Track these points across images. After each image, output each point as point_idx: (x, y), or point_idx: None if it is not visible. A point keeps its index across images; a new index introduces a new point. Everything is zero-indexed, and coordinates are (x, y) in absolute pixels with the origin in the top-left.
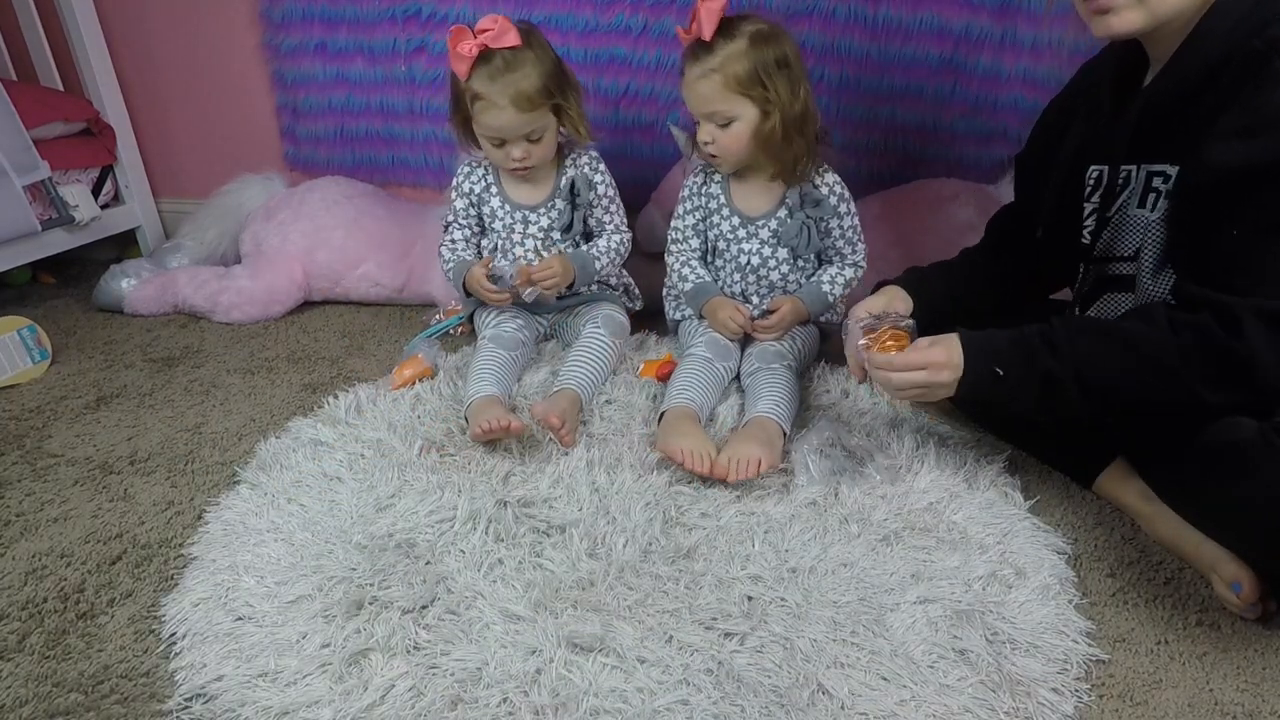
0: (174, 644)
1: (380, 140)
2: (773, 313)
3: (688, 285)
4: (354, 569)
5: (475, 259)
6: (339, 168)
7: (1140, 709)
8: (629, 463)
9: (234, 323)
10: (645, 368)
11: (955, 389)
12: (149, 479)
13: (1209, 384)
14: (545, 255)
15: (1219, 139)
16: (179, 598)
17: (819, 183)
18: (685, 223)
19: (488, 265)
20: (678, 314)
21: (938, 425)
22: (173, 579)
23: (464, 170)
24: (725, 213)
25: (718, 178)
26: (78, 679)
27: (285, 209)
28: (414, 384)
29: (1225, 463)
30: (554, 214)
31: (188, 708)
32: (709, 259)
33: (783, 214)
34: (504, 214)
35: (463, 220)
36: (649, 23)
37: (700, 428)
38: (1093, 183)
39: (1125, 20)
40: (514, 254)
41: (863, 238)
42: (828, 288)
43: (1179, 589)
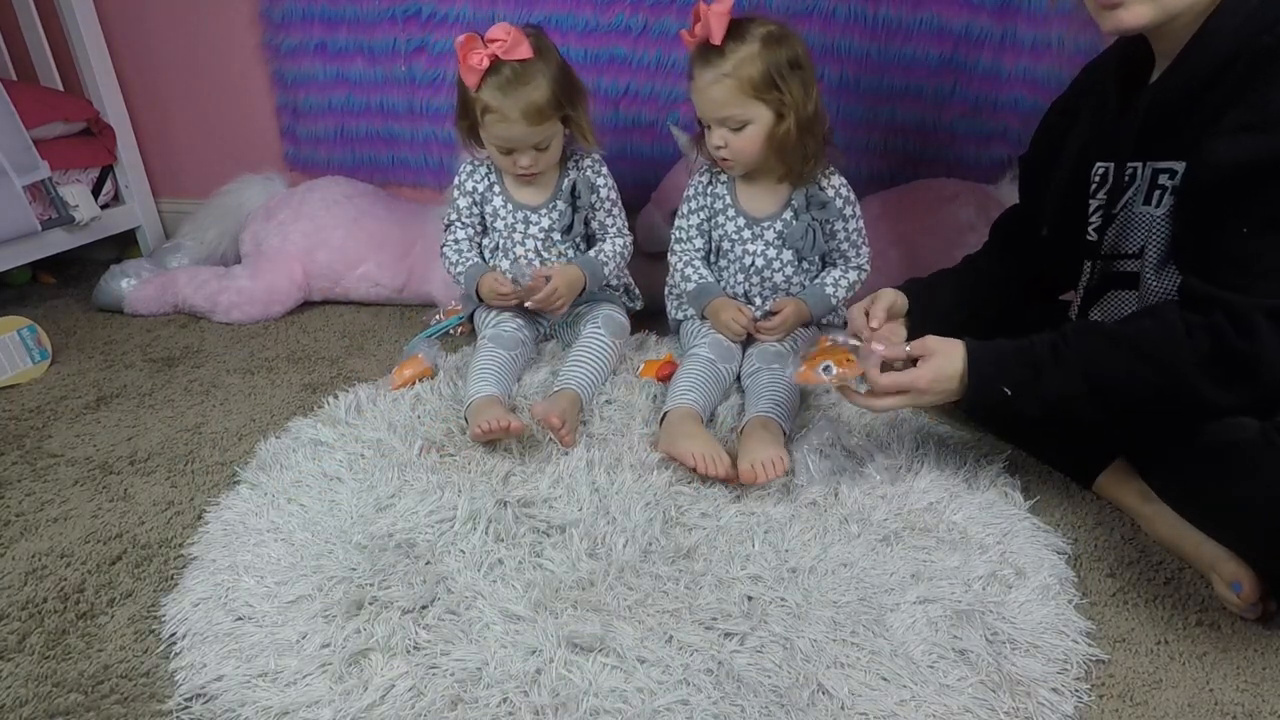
0: (174, 644)
1: (380, 140)
2: (775, 314)
3: (690, 285)
4: (354, 569)
5: (484, 262)
6: (339, 168)
7: (1140, 709)
8: (629, 463)
9: (234, 323)
10: (645, 368)
11: (958, 401)
12: (149, 479)
13: (1219, 386)
14: (546, 255)
15: (1225, 135)
16: (179, 598)
17: (825, 185)
18: (689, 222)
19: (504, 281)
20: (679, 314)
21: (938, 425)
22: (173, 579)
23: (466, 169)
24: (731, 213)
25: (723, 178)
26: (78, 679)
27: (285, 209)
28: (414, 384)
29: (1227, 462)
30: (555, 215)
31: (188, 708)
32: (713, 259)
33: (788, 215)
34: (506, 213)
35: (466, 219)
36: (649, 23)
37: (705, 429)
38: (1098, 179)
39: (1135, 14)
40: (515, 253)
41: (867, 241)
42: (831, 290)
43: (1179, 589)
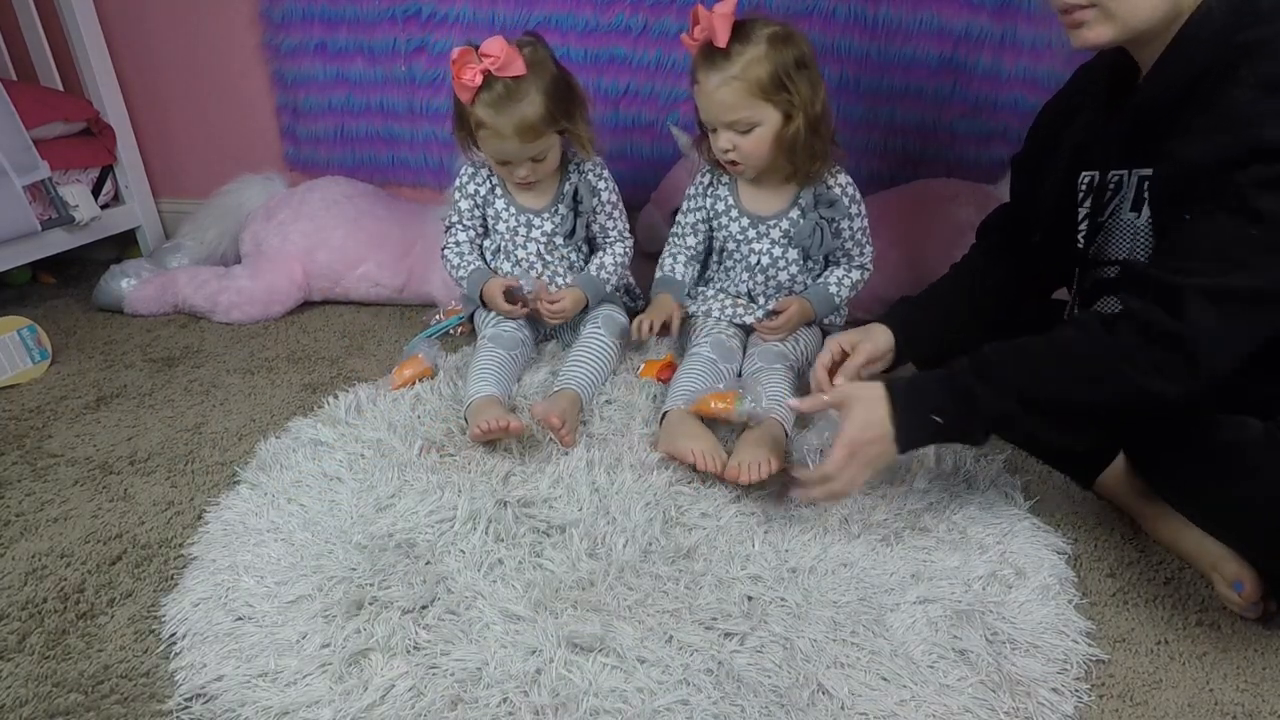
0: (174, 644)
1: (380, 140)
2: (779, 313)
3: (659, 273)
4: (354, 569)
5: (486, 266)
6: (339, 168)
7: (1140, 709)
8: (629, 463)
9: (234, 323)
10: (646, 368)
11: (897, 448)
12: (149, 479)
13: (1153, 373)
14: (549, 260)
15: (1183, 136)
16: (179, 598)
17: (831, 183)
18: (686, 220)
19: (508, 286)
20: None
21: None
22: (173, 579)
23: (468, 171)
24: (734, 214)
25: (725, 179)
26: (78, 679)
27: (285, 209)
28: (414, 384)
29: (1229, 462)
30: (557, 219)
31: (188, 708)
32: (716, 260)
33: (795, 214)
34: (508, 217)
35: (467, 221)
36: (649, 23)
37: (705, 428)
38: (1084, 187)
39: (1097, 33)
40: (517, 256)
41: (871, 240)
42: (834, 289)
43: (1179, 589)
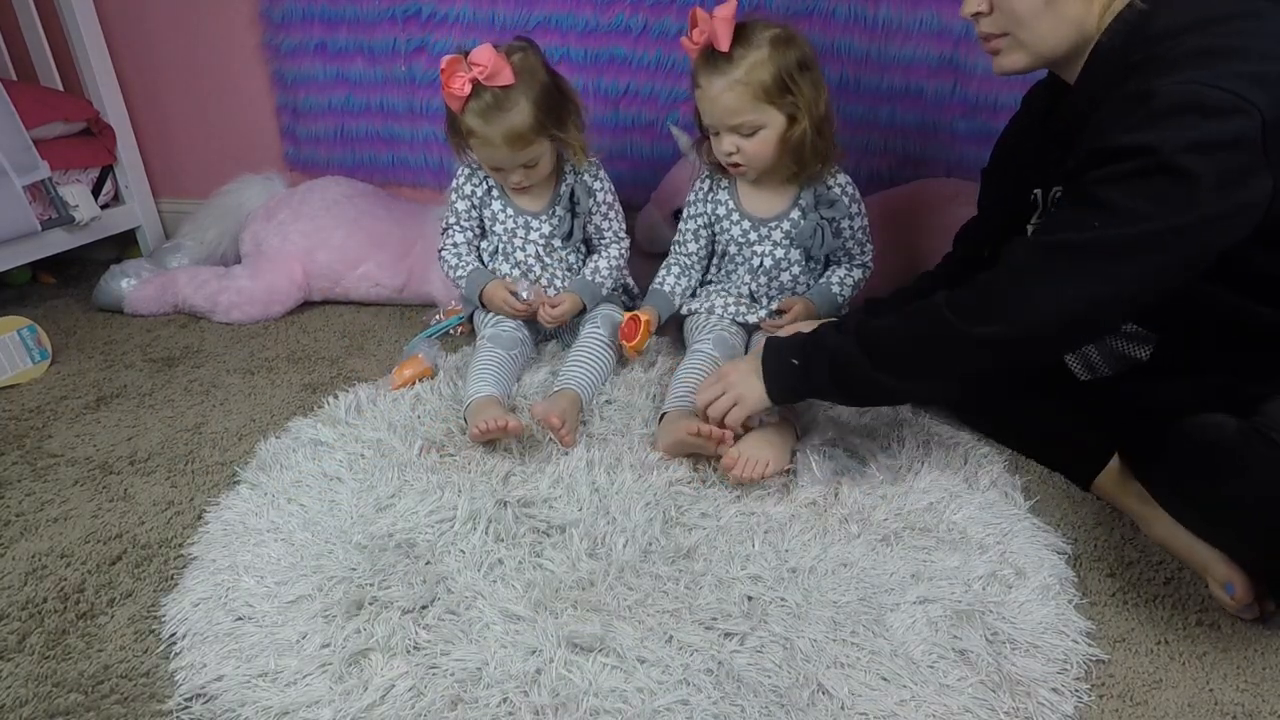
0: (174, 644)
1: (380, 140)
2: (783, 313)
3: (653, 285)
4: (354, 569)
5: (486, 268)
6: (339, 168)
7: (1140, 709)
8: (629, 463)
9: (234, 323)
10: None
11: (764, 387)
12: (149, 479)
13: (972, 318)
14: (547, 261)
15: (1080, 144)
16: (179, 598)
17: (831, 183)
18: (688, 227)
19: (511, 288)
20: (683, 310)
21: (938, 425)
22: (173, 579)
23: (465, 173)
24: (735, 217)
25: (724, 183)
26: (78, 679)
27: (285, 209)
28: (414, 384)
29: (1209, 463)
30: (554, 221)
31: (188, 708)
32: (717, 263)
33: (796, 215)
34: (506, 218)
35: (465, 222)
36: (649, 23)
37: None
38: (1033, 202)
39: (1012, 60)
40: (515, 258)
41: (871, 239)
42: (836, 289)
43: (1179, 589)
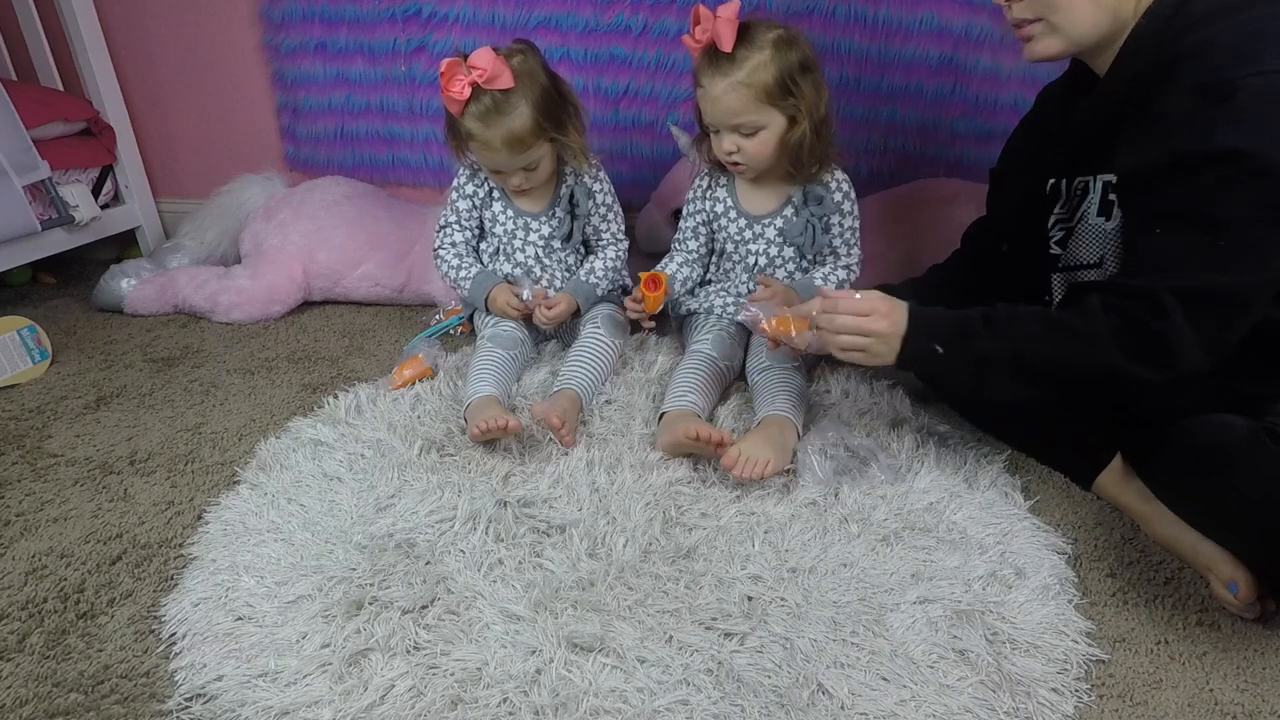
0: (174, 644)
1: (380, 140)
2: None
3: (657, 268)
4: (354, 569)
5: (488, 269)
6: (339, 168)
7: (1140, 709)
8: (629, 463)
9: (234, 323)
10: (646, 299)
11: (895, 357)
12: (149, 479)
13: (1137, 359)
14: (546, 262)
15: (1125, 143)
16: (179, 598)
17: (829, 180)
18: (688, 224)
19: (516, 291)
20: (682, 309)
21: (938, 425)
22: (173, 579)
23: (466, 172)
24: (733, 215)
25: (723, 181)
26: (78, 679)
27: (285, 209)
28: (414, 384)
29: (1219, 463)
30: (554, 223)
31: (188, 708)
32: (716, 261)
33: (789, 212)
34: (506, 219)
35: (465, 222)
36: (649, 23)
37: (704, 423)
38: (1049, 192)
39: (1046, 46)
40: (516, 259)
41: (859, 242)
42: (820, 284)
43: (1179, 589)
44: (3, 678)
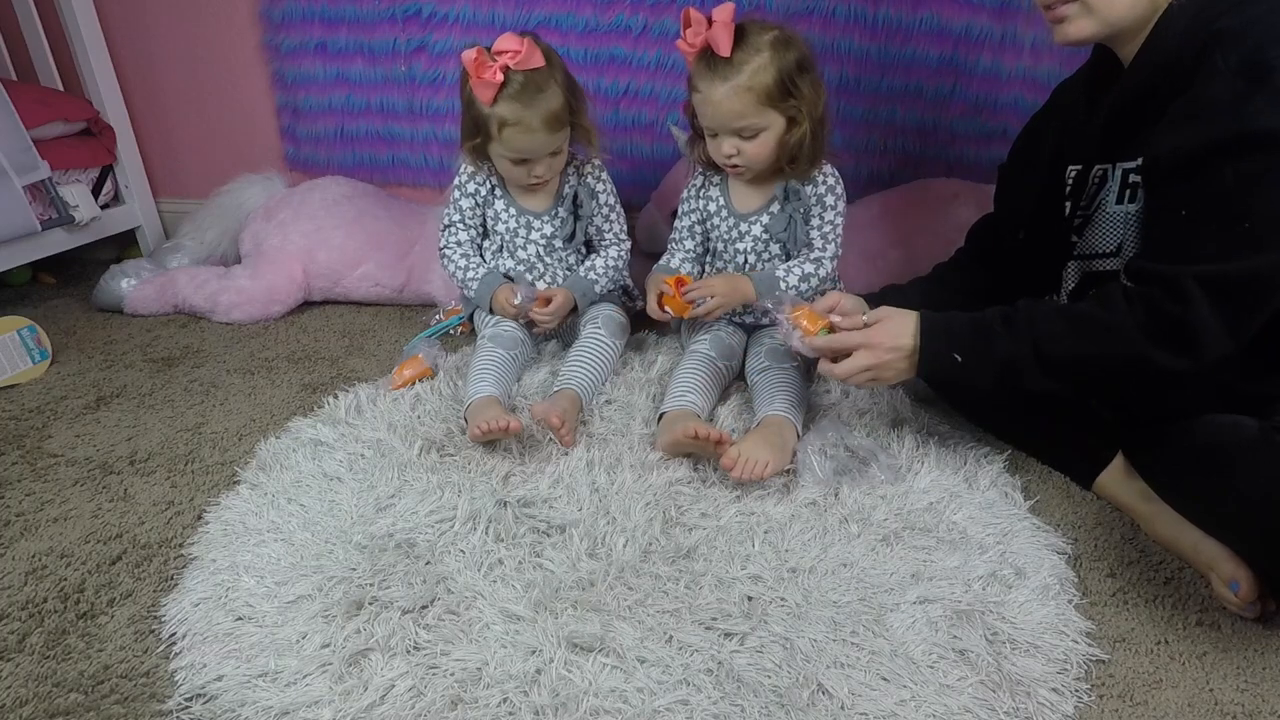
0: (174, 644)
1: (380, 140)
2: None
3: (659, 265)
4: (354, 569)
5: (494, 269)
6: (339, 168)
7: (1140, 709)
8: (629, 463)
9: (234, 323)
10: (669, 302)
11: (914, 370)
12: (149, 479)
13: (1165, 350)
14: (548, 261)
15: (1162, 127)
16: (179, 598)
17: (816, 175)
18: (682, 224)
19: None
20: None
21: (938, 425)
22: (173, 579)
23: (468, 171)
24: (724, 214)
25: (716, 180)
26: (78, 679)
27: (285, 209)
28: (414, 384)
29: (1226, 462)
30: (557, 222)
31: (188, 708)
32: (712, 262)
33: (775, 209)
34: (508, 218)
35: (469, 220)
36: (649, 23)
37: (704, 424)
38: (1072, 182)
39: (1079, 28)
40: (518, 256)
41: (838, 241)
42: (782, 274)
43: (1179, 589)
44: (3, 678)
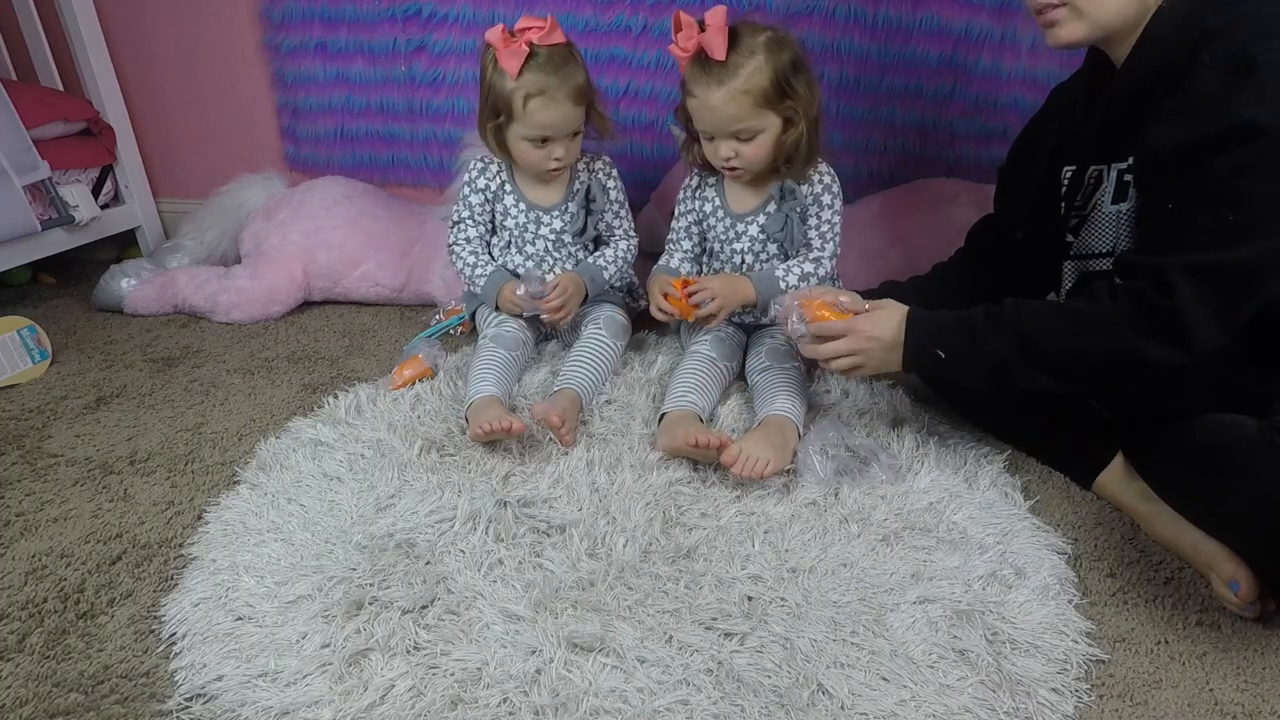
0: (174, 644)
1: (380, 140)
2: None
3: (660, 264)
4: (354, 569)
5: (502, 267)
6: (339, 168)
7: (1140, 709)
8: (629, 463)
9: (234, 323)
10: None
11: (900, 363)
12: (149, 479)
13: (1152, 340)
14: (556, 256)
15: (1154, 124)
16: (179, 598)
17: (813, 174)
18: (679, 225)
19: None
20: None
21: (938, 425)
22: (173, 579)
23: (478, 166)
24: (720, 214)
25: (712, 180)
26: (78, 679)
27: (285, 209)
28: (414, 384)
29: (1226, 462)
30: (566, 218)
31: (188, 708)
32: (706, 259)
33: (770, 209)
34: (518, 213)
35: (478, 217)
36: (649, 23)
37: (705, 427)
38: (1067, 182)
39: (1070, 31)
40: (526, 251)
41: (837, 240)
42: (781, 274)
43: (1179, 589)
44: (3, 678)
